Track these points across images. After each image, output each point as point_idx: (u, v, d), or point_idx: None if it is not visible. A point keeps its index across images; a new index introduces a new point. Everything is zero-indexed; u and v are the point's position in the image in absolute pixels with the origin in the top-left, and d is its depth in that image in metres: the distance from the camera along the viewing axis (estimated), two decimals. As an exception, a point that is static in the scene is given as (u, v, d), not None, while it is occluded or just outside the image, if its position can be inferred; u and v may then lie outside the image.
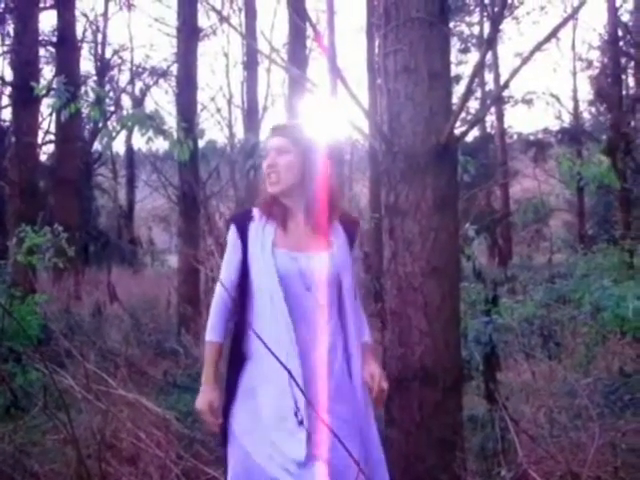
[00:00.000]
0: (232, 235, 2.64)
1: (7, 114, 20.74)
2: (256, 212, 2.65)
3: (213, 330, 2.64)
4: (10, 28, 20.00)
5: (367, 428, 2.62)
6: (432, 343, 3.07)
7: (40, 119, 15.90)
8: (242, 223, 2.63)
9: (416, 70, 3.11)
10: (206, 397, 2.61)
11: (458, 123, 3.23)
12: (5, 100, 22.16)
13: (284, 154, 2.59)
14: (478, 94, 25.80)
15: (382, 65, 3.23)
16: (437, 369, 3.08)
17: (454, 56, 24.43)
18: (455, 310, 3.18)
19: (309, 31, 15.28)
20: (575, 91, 26.40)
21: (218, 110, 22.08)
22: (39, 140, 14.66)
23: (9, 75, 21.17)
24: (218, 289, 2.65)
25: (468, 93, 3.13)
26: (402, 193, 3.11)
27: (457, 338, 3.21)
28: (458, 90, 17.29)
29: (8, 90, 20.38)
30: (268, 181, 2.61)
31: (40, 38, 14.19)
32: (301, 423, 2.42)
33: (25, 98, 9.98)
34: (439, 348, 3.08)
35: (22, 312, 4.77)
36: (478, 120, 12.78)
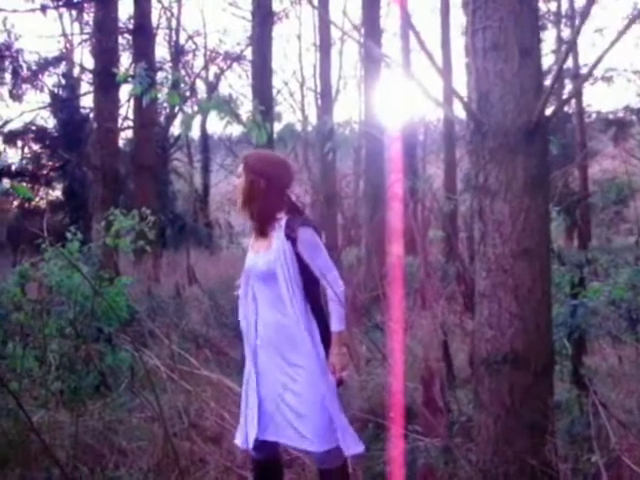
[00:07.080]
0: None
1: (87, 101, 21.31)
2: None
3: None
4: (88, 16, 20.55)
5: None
6: (523, 326, 3.02)
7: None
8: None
9: (506, 47, 3.03)
10: None
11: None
12: (84, 87, 22.80)
13: None
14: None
15: (470, 43, 3.16)
16: (528, 352, 3.02)
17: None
18: (546, 292, 3.11)
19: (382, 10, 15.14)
20: (659, 68, 25.37)
21: (291, 94, 22.12)
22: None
23: (88, 62, 21.76)
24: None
25: (561, 70, 3.03)
26: (492, 173, 3.04)
27: (548, 321, 3.14)
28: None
29: (88, 77, 20.97)
30: None
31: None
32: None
33: (106, 85, 10.22)
34: (530, 331, 3.03)
35: (111, 294, 4.90)
36: (570, 98, 12.41)
